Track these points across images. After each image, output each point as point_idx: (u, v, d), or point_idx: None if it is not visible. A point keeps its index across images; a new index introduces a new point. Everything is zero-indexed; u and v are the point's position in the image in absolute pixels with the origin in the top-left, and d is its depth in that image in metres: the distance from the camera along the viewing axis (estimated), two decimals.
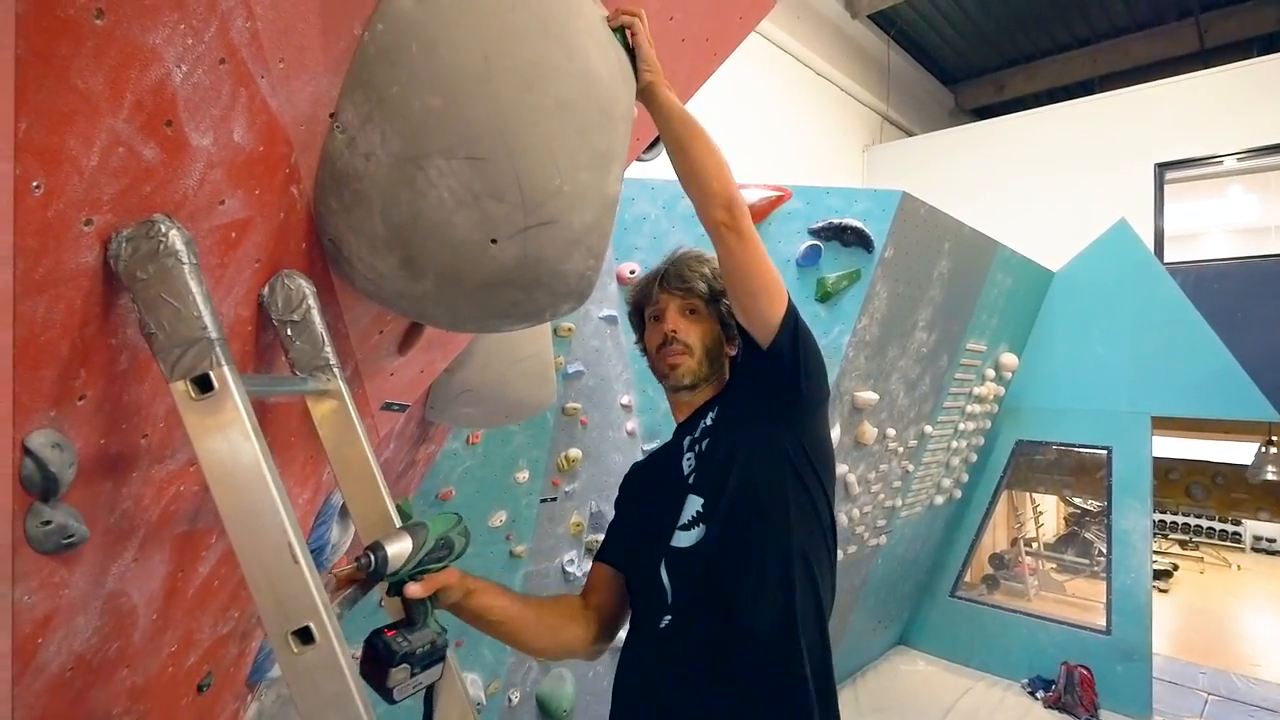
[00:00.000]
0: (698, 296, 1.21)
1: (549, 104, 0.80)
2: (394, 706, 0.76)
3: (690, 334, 1.20)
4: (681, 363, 1.20)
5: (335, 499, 1.24)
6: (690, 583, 1.08)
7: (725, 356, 1.24)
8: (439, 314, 0.95)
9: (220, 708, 1.09)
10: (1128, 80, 6.41)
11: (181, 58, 0.58)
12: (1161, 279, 4.91)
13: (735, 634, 1.02)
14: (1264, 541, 11.15)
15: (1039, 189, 6.11)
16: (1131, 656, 4.81)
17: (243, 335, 0.77)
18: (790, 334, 1.07)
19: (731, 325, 1.20)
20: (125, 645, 0.79)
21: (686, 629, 1.06)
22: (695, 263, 1.22)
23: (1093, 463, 5.91)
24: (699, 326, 1.21)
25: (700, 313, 1.22)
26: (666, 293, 1.23)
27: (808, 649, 1.03)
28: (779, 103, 5.85)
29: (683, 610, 1.07)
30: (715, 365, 1.22)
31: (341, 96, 0.76)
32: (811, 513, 1.10)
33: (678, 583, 1.09)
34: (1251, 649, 7.03)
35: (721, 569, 1.05)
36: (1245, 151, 5.55)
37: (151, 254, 0.54)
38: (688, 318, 1.21)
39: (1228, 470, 6.91)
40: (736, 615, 1.02)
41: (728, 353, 1.24)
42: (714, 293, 1.21)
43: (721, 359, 1.23)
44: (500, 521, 2.48)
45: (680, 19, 1.27)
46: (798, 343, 1.08)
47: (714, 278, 1.20)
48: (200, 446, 0.54)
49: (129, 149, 0.56)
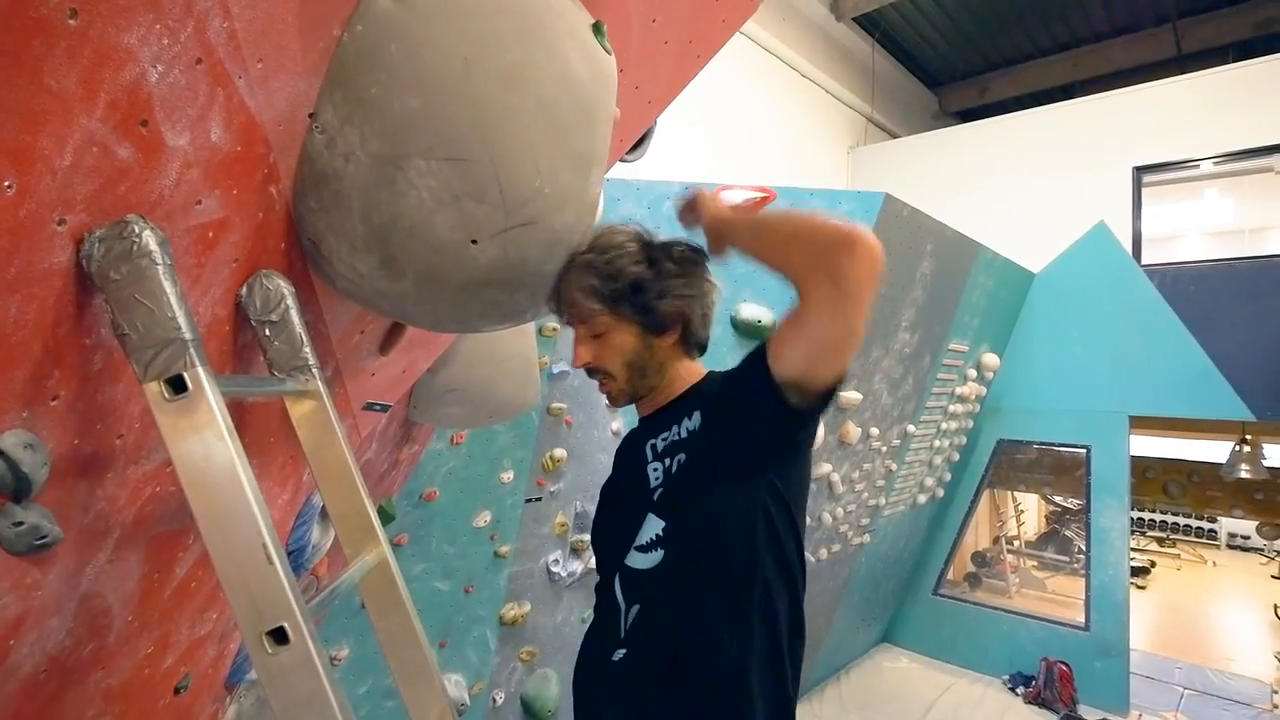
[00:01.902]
0: (597, 315, 1.06)
1: (529, 105, 0.80)
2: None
3: (604, 359, 1.09)
4: (609, 389, 1.12)
5: (316, 499, 1.24)
6: (645, 614, 1.03)
7: (659, 351, 1.09)
8: (420, 314, 0.96)
9: (198, 709, 1.08)
10: (1107, 85, 6.50)
11: (157, 58, 0.58)
12: (1139, 281, 5.00)
13: (687, 680, 0.98)
14: (1238, 538, 11.38)
15: (1020, 191, 6.20)
16: (1109, 652, 4.89)
17: (220, 335, 0.77)
18: (827, 401, 0.94)
19: (657, 310, 1.06)
20: (100, 647, 0.78)
21: (639, 669, 1.01)
22: (579, 275, 1.03)
23: (1072, 461, 6.00)
24: (611, 346, 1.08)
25: (610, 328, 1.07)
26: (569, 321, 1.10)
27: (761, 694, 0.98)
28: (765, 104, 5.88)
29: (636, 644, 1.03)
30: (649, 371, 1.10)
31: (321, 97, 0.76)
32: (779, 550, 1.01)
33: (632, 605, 1.05)
34: (1226, 644, 7.17)
35: (677, 608, 1.00)
36: (1221, 155, 5.66)
37: (125, 255, 0.54)
38: (596, 342, 1.09)
39: (1203, 468, 7.04)
40: (688, 663, 0.98)
41: (661, 345, 1.09)
42: (615, 294, 1.04)
43: (655, 359, 1.10)
44: (485, 522, 2.47)
45: (663, 21, 1.28)
46: (826, 408, 0.96)
47: (607, 277, 1.03)
48: (174, 448, 0.54)
49: (103, 149, 0.56)
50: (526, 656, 2.70)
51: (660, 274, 1.06)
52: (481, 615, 2.53)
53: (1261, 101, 5.36)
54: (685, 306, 1.08)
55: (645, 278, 1.05)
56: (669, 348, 1.10)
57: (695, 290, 1.09)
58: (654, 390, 1.12)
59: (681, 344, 1.12)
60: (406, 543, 2.24)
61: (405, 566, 2.23)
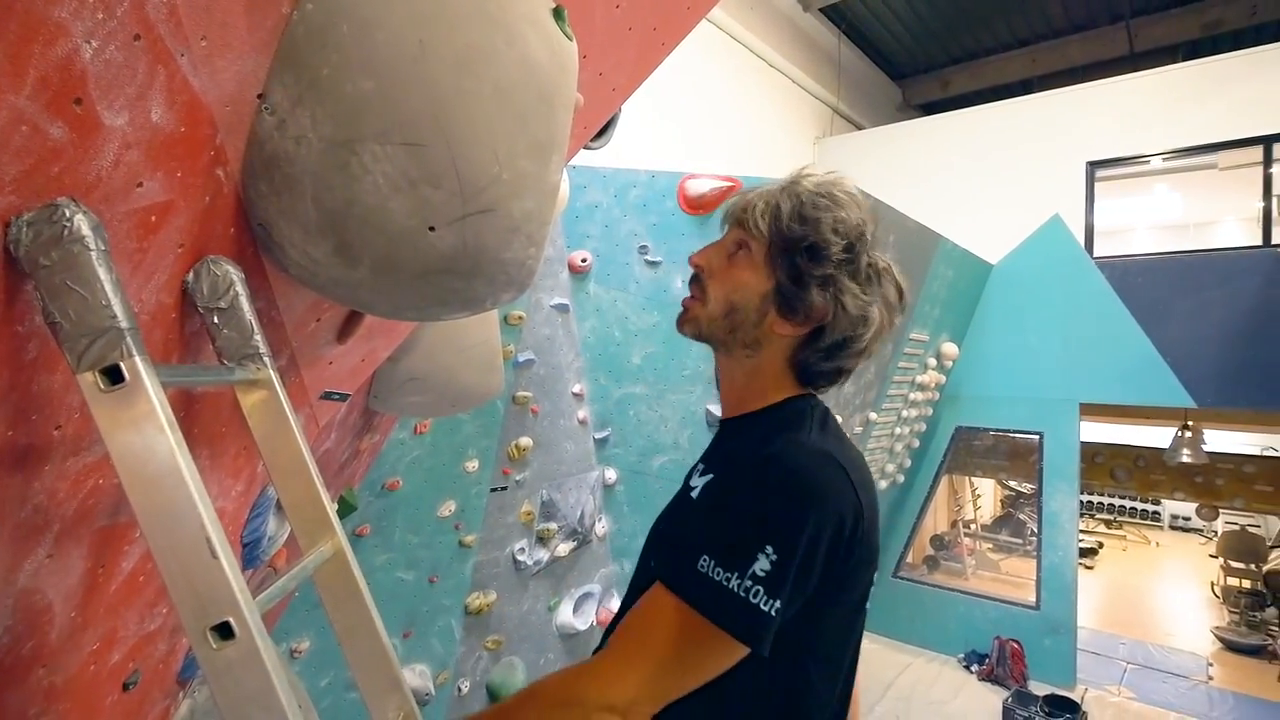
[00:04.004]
0: (753, 236, 0.91)
1: (487, 90, 0.79)
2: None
3: (718, 275, 0.94)
4: (692, 306, 0.96)
5: (272, 490, 1.21)
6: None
7: (767, 327, 0.92)
8: (376, 301, 0.94)
9: (149, 706, 1.05)
10: (1064, 81, 6.68)
11: (91, 33, 0.55)
12: (1091, 272, 5.17)
13: None
14: (1180, 520, 11.95)
15: (980, 184, 6.34)
16: (1058, 630, 5.09)
17: (165, 323, 0.74)
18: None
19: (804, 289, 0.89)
20: (41, 644, 0.76)
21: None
22: (783, 195, 0.91)
23: (1026, 447, 6.21)
24: (734, 272, 0.93)
25: (749, 259, 0.92)
26: (729, 219, 0.96)
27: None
28: (731, 93, 5.88)
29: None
30: (739, 329, 0.93)
31: (270, 77, 0.74)
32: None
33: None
34: (1167, 620, 7.53)
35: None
36: (1170, 152, 5.87)
37: (55, 239, 0.51)
38: (726, 256, 0.94)
39: (1148, 454, 7.36)
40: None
41: (774, 324, 0.91)
42: (787, 239, 0.89)
43: (755, 328, 0.92)
44: (449, 511, 2.46)
45: (626, 7, 1.27)
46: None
47: (799, 218, 0.89)
48: (111, 440, 0.52)
49: (33, 128, 0.53)
50: (492, 645, 2.70)
51: (843, 265, 0.89)
52: (446, 605, 2.52)
53: (1207, 100, 5.57)
54: (832, 314, 0.89)
55: (827, 254, 0.88)
56: (779, 336, 0.92)
57: (859, 314, 0.90)
58: (727, 356, 0.96)
59: (796, 350, 0.93)
60: (369, 533, 2.22)
61: (368, 558, 2.20)
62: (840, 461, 0.84)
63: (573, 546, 3.02)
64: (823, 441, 0.86)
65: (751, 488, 0.81)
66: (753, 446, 0.87)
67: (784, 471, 0.81)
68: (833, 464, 0.83)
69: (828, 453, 0.84)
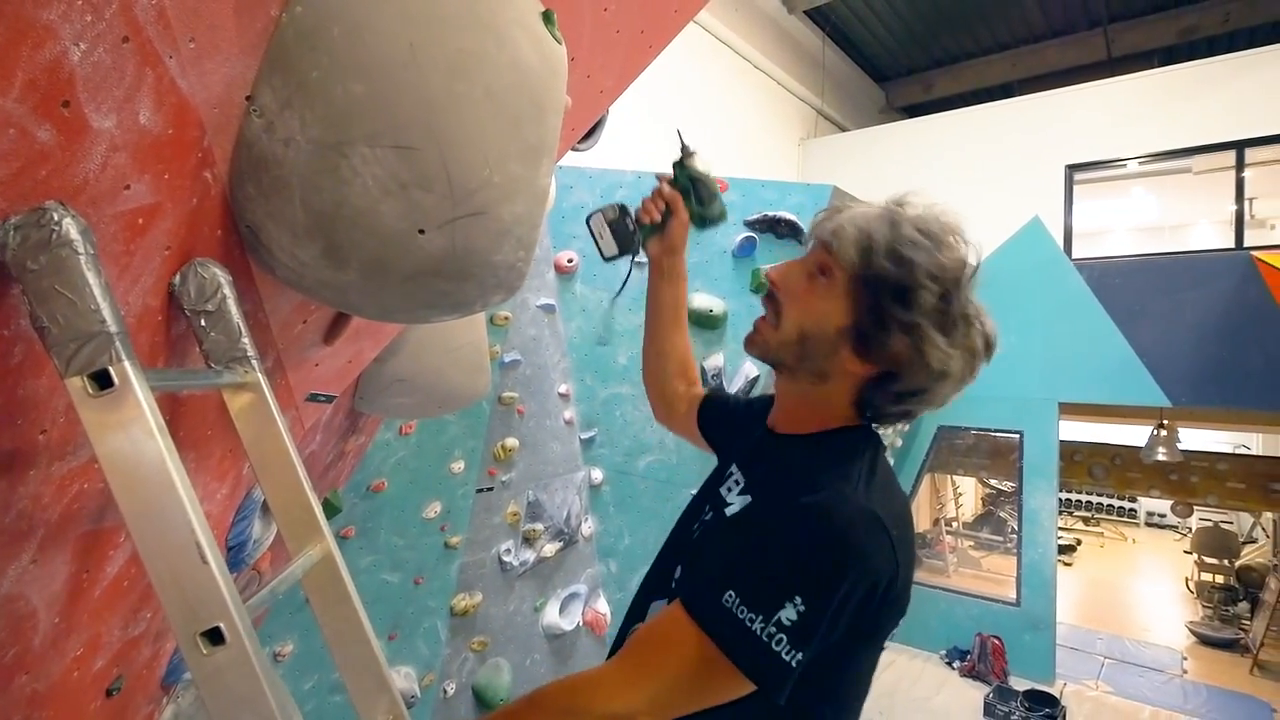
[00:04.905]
0: (839, 265, 0.84)
1: (478, 94, 0.79)
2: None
3: (795, 297, 0.88)
4: (763, 328, 0.91)
5: (257, 493, 1.20)
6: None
7: (838, 361, 0.86)
8: (365, 304, 0.94)
9: (133, 711, 1.04)
10: (1043, 85, 6.78)
11: (79, 35, 0.55)
12: (1070, 274, 5.25)
13: None
14: (1155, 517, 12.17)
15: (962, 186, 6.41)
16: (1038, 626, 5.17)
17: (152, 326, 0.74)
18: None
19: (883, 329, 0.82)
20: (24, 651, 0.75)
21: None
22: (880, 224, 0.84)
23: (1007, 446, 6.29)
24: (812, 299, 0.87)
25: (831, 287, 0.86)
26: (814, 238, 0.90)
27: None
28: (717, 94, 5.91)
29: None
30: (808, 358, 0.87)
31: (259, 79, 0.73)
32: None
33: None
34: (1143, 615, 7.67)
35: None
36: (1146, 155, 5.98)
37: (43, 243, 0.51)
38: (808, 277, 0.88)
39: (1125, 452, 7.48)
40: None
41: (846, 359, 0.85)
42: (875, 274, 0.82)
43: (825, 360, 0.87)
44: (435, 513, 2.45)
45: (614, 10, 1.27)
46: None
47: (892, 256, 0.82)
48: (100, 445, 0.52)
49: (21, 130, 0.53)
50: (478, 646, 2.69)
51: (932, 312, 0.82)
52: (432, 606, 2.51)
53: (1183, 105, 5.68)
54: (909, 361, 0.83)
55: (914, 297, 0.81)
56: (850, 373, 0.86)
57: (939, 369, 0.83)
58: (791, 379, 0.93)
59: (864, 388, 0.87)
60: (354, 535, 2.20)
61: (353, 559, 2.19)
62: (884, 521, 0.79)
63: (559, 547, 3.01)
64: (868, 496, 0.81)
65: (789, 533, 0.77)
66: (797, 480, 0.84)
67: (825, 526, 0.76)
68: (877, 525, 0.78)
69: (873, 513, 0.79)
